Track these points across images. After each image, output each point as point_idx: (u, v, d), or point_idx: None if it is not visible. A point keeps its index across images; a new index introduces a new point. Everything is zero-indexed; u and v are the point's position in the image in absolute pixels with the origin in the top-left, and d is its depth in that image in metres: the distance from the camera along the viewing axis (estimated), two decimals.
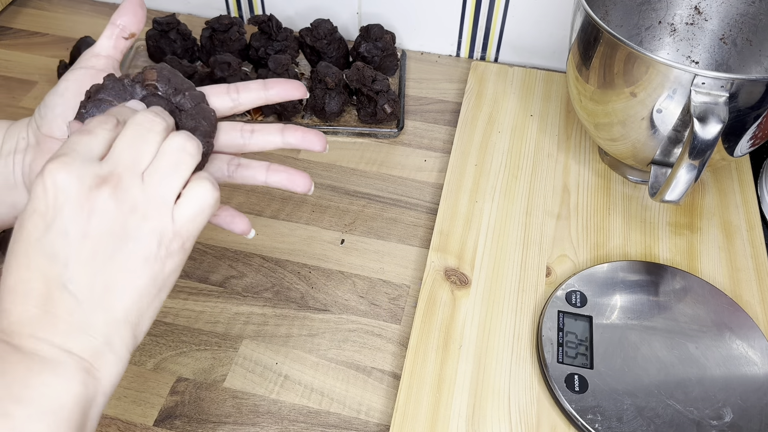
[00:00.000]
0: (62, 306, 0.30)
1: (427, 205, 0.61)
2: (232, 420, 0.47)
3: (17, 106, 0.69)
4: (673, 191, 0.50)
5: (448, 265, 0.55)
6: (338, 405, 0.48)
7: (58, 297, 0.30)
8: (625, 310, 0.50)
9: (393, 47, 0.72)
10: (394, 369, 0.50)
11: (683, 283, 0.52)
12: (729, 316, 0.50)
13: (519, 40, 0.75)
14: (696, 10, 0.62)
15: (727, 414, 0.45)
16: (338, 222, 0.60)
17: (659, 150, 0.54)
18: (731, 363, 0.47)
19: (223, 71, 0.65)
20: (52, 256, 0.30)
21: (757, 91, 0.47)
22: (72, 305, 0.30)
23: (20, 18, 0.81)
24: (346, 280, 0.56)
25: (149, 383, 0.48)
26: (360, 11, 0.76)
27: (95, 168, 0.32)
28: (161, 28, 0.70)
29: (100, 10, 0.82)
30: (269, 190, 0.62)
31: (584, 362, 0.47)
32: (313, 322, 0.53)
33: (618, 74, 0.51)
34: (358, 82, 0.65)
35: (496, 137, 0.66)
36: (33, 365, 0.29)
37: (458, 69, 0.76)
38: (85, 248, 0.31)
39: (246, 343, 0.51)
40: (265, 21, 0.70)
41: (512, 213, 0.59)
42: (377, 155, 0.66)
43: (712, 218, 0.59)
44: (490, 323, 0.51)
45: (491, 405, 0.47)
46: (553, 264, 0.55)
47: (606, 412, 0.45)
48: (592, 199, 0.60)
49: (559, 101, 0.70)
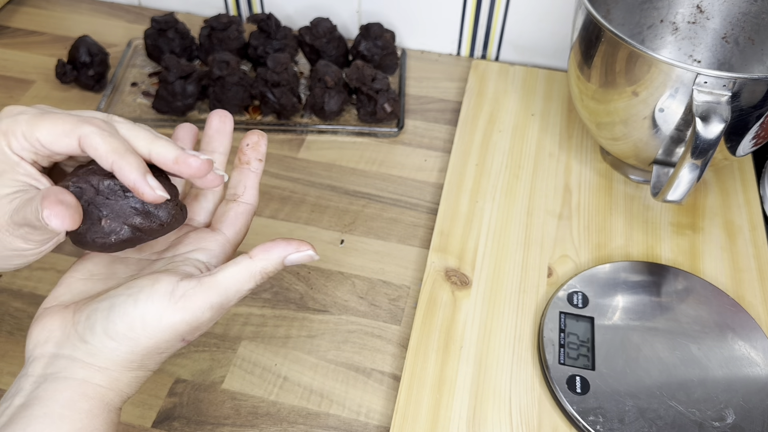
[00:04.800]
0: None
1: (428, 205, 0.61)
2: (231, 422, 0.46)
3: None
4: (675, 191, 0.49)
5: (448, 266, 0.54)
6: (338, 406, 0.48)
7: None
8: (627, 311, 0.50)
9: (393, 46, 0.71)
10: (394, 370, 0.50)
11: (685, 283, 0.52)
12: (731, 317, 0.50)
13: (520, 38, 0.74)
14: (698, 8, 0.62)
15: (729, 415, 0.44)
16: (338, 222, 0.59)
17: (661, 149, 0.53)
18: (733, 364, 0.47)
19: (222, 70, 0.64)
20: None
21: (760, 91, 0.47)
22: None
23: (18, 17, 0.80)
24: (346, 280, 0.55)
25: (147, 385, 0.48)
26: (360, 9, 0.76)
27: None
28: (159, 27, 0.70)
29: (99, 9, 0.82)
30: (268, 189, 0.62)
31: (586, 363, 0.47)
32: (312, 323, 0.52)
33: (620, 73, 0.50)
34: (357, 81, 0.65)
35: (497, 136, 0.65)
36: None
37: (459, 68, 0.75)
38: None
39: (245, 344, 0.51)
40: (264, 19, 0.70)
41: (513, 213, 0.58)
42: (377, 155, 0.65)
43: (714, 218, 0.58)
44: (491, 324, 0.51)
45: (492, 406, 0.46)
46: (555, 264, 0.55)
47: (608, 413, 0.44)
48: (594, 199, 0.60)
49: (561, 100, 0.69)
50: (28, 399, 0.32)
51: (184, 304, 0.33)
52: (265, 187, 0.62)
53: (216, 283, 0.34)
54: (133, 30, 0.79)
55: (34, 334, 0.34)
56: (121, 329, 0.33)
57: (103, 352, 0.33)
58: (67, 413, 0.32)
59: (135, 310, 0.33)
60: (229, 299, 0.34)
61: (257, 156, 0.40)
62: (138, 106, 0.68)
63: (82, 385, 0.33)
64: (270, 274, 0.35)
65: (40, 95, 0.70)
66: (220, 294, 0.34)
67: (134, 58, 0.74)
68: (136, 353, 0.33)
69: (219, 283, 0.34)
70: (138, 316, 0.33)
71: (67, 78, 0.69)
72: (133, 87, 0.71)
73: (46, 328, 0.34)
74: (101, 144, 0.32)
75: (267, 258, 0.35)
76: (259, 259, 0.35)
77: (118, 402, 0.34)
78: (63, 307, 0.35)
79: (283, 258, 0.35)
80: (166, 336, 0.33)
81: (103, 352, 0.33)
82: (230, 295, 0.34)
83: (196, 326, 0.34)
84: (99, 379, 0.33)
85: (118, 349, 0.33)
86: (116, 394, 0.34)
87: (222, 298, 0.34)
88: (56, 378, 0.32)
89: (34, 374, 0.33)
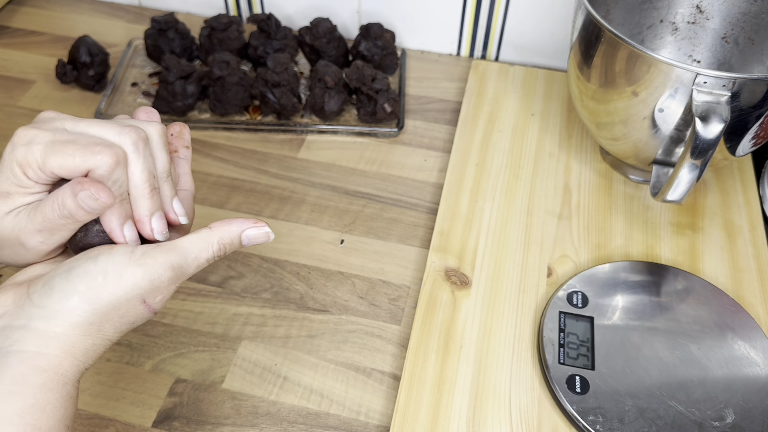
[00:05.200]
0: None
1: (427, 205, 0.61)
2: (231, 421, 0.47)
3: (15, 105, 0.69)
4: (675, 191, 0.49)
5: (448, 266, 0.54)
6: (338, 406, 0.48)
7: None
8: (627, 311, 0.50)
9: (393, 46, 0.71)
10: (394, 370, 0.50)
11: (685, 283, 0.52)
12: (731, 317, 0.50)
13: (520, 38, 0.74)
14: (698, 8, 0.62)
15: (729, 415, 0.44)
16: (338, 222, 0.59)
17: (661, 149, 0.53)
18: (733, 364, 0.47)
19: (222, 70, 0.64)
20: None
21: (759, 91, 0.47)
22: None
23: (18, 17, 0.80)
24: (346, 280, 0.55)
25: (147, 384, 0.48)
26: (360, 10, 0.76)
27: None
28: (159, 27, 0.70)
29: (99, 9, 0.82)
30: (268, 189, 0.62)
31: (586, 363, 0.47)
32: (312, 323, 0.52)
33: (619, 73, 0.50)
34: (357, 81, 0.65)
35: (496, 137, 0.65)
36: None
37: (459, 68, 0.75)
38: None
39: (245, 344, 0.51)
40: (264, 19, 0.70)
41: (513, 213, 0.58)
42: (377, 155, 0.65)
43: (714, 218, 0.59)
44: (491, 324, 0.51)
45: (492, 406, 0.46)
46: (555, 264, 0.55)
47: (607, 413, 0.44)
48: (594, 199, 0.60)
49: (561, 100, 0.69)
50: None
51: (145, 260, 0.34)
52: (265, 187, 0.62)
53: (174, 245, 0.36)
54: (134, 30, 0.79)
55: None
56: (82, 287, 0.33)
57: (61, 313, 0.33)
58: (18, 389, 0.31)
59: (95, 267, 0.33)
60: (188, 264, 0.36)
61: (183, 144, 0.41)
62: (138, 106, 0.68)
63: (34, 358, 0.32)
64: (227, 246, 0.37)
65: (41, 95, 0.70)
66: (179, 255, 0.35)
67: (134, 58, 0.74)
68: (96, 312, 0.33)
69: (177, 246, 0.36)
70: (99, 272, 0.33)
71: (68, 78, 0.70)
72: (133, 87, 0.71)
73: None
74: (106, 181, 0.34)
75: (224, 230, 0.37)
76: (217, 230, 0.37)
77: (74, 373, 0.33)
78: (17, 284, 0.35)
79: (240, 232, 0.38)
80: (128, 292, 0.34)
81: (61, 313, 0.33)
82: (189, 260, 0.36)
83: (157, 286, 0.35)
84: (53, 346, 0.32)
85: (78, 307, 0.33)
86: (71, 364, 0.33)
87: (180, 260, 0.35)
88: (7, 353, 0.32)
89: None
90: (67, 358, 0.33)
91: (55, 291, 0.33)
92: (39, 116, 0.36)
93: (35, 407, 0.31)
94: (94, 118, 0.38)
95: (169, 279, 0.35)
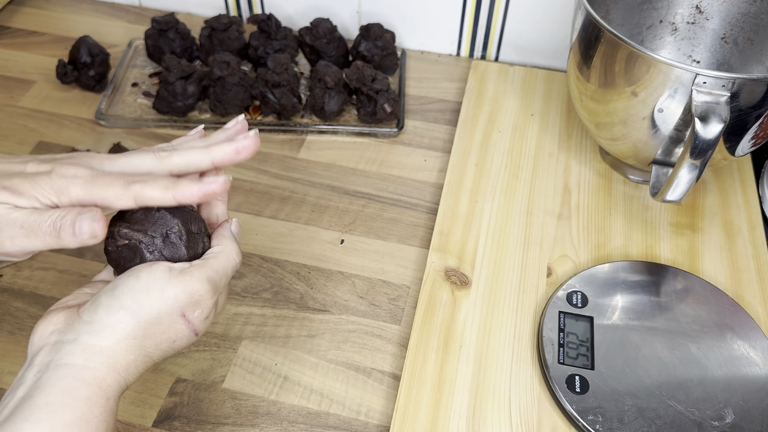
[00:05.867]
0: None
1: (427, 205, 0.61)
2: (231, 421, 0.47)
3: (16, 105, 0.69)
4: (674, 191, 0.49)
5: (448, 266, 0.55)
6: (338, 406, 0.48)
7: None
8: (626, 311, 0.50)
9: (393, 46, 0.71)
10: (394, 370, 0.50)
11: (684, 283, 0.52)
12: (730, 317, 0.50)
13: (520, 39, 0.74)
14: (697, 9, 0.62)
15: (728, 415, 0.44)
16: (338, 222, 0.59)
17: (660, 150, 0.53)
18: (733, 364, 0.47)
19: (222, 70, 0.65)
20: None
21: (759, 91, 0.47)
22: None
23: (18, 17, 0.80)
24: (346, 280, 0.55)
25: (148, 384, 0.48)
26: (360, 10, 0.76)
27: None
28: (160, 27, 0.70)
29: (100, 9, 0.82)
30: (268, 190, 0.62)
31: (585, 363, 0.47)
32: (312, 323, 0.52)
33: (619, 73, 0.51)
34: (357, 81, 0.65)
35: (496, 137, 0.65)
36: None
37: (459, 68, 0.75)
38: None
39: (245, 343, 0.51)
40: (264, 20, 0.70)
41: (513, 213, 0.59)
42: (377, 155, 0.66)
43: (713, 218, 0.59)
44: (491, 324, 0.51)
45: (492, 406, 0.46)
46: (554, 264, 0.55)
47: (607, 413, 0.44)
48: (593, 199, 0.60)
49: (560, 101, 0.69)
50: (31, 389, 0.33)
51: (183, 277, 0.36)
52: (266, 187, 0.62)
53: (206, 262, 0.38)
54: (134, 30, 0.79)
55: (38, 330, 0.36)
56: (126, 301, 0.35)
57: (107, 327, 0.35)
58: (68, 401, 0.32)
59: (138, 283, 0.35)
60: (220, 277, 0.38)
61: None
62: (138, 107, 0.69)
63: (81, 371, 0.33)
64: (240, 253, 0.40)
65: (41, 95, 0.70)
66: (212, 269, 0.38)
67: (135, 59, 0.74)
68: (140, 325, 0.35)
69: (209, 262, 0.38)
70: (142, 288, 0.35)
71: (68, 78, 0.70)
72: (133, 87, 0.71)
73: (51, 322, 0.36)
74: (156, 192, 0.36)
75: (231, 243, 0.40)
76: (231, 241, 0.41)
77: (116, 389, 0.35)
78: (68, 307, 0.37)
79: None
80: (169, 305, 0.36)
81: (107, 327, 0.35)
82: (220, 273, 0.38)
83: (196, 300, 0.36)
84: (99, 361, 0.34)
85: (123, 321, 0.35)
86: (114, 379, 0.34)
87: (214, 273, 0.38)
88: (57, 365, 0.33)
89: (37, 364, 0.34)
90: (110, 373, 0.34)
91: (101, 306, 0.35)
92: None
93: (82, 420, 0.33)
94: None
95: (206, 292, 0.37)
